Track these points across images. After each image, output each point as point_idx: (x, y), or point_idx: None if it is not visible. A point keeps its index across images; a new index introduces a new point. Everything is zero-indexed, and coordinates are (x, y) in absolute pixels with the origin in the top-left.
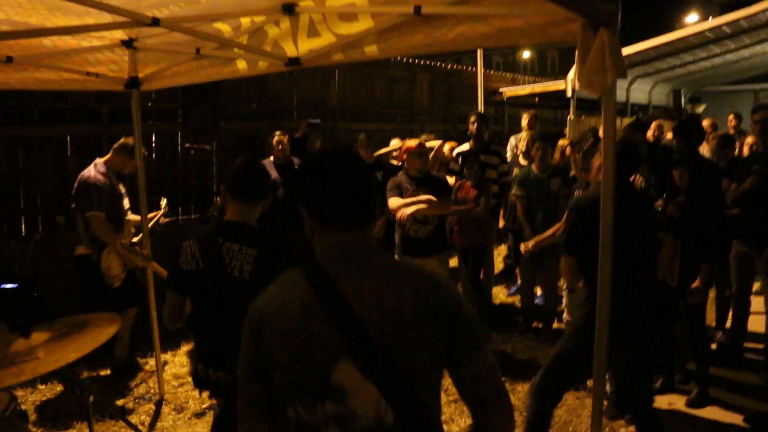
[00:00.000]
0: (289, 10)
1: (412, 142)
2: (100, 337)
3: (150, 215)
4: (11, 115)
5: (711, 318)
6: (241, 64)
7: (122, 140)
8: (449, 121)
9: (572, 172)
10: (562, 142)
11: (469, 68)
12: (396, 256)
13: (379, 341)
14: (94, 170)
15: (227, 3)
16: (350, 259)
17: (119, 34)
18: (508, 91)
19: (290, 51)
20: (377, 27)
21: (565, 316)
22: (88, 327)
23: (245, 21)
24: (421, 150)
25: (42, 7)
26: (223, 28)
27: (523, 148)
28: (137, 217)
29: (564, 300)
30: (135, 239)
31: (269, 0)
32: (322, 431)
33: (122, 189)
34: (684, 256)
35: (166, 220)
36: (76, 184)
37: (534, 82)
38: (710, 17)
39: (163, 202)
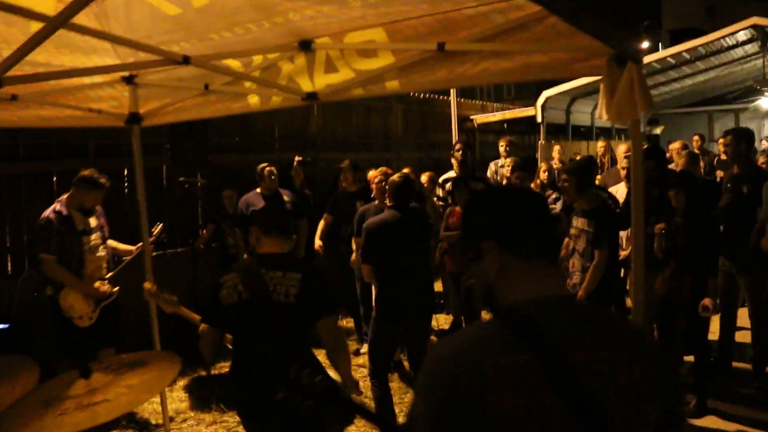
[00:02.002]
0: (306, 47)
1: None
2: (166, 376)
3: (138, 245)
4: None
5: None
6: (253, 99)
7: (80, 174)
8: (423, 149)
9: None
10: (542, 166)
11: (441, 97)
12: None
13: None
14: (50, 209)
15: (241, 40)
16: (558, 306)
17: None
18: (479, 117)
19: (305, 86)
20: (398, 63)
21: None
22: (147, 366)
23: (257, 58)
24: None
25: (51, 45)
26: (233, 64)
27: (507, 174)
28: (122, 245)
29: None
30: (108, 275)
31: (285, 37)
32: None
33: (92, 223)
34: (688, 273)
35: (154, 254)
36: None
37: (502, 108)
38: (659, 45)
39: (157, 228)
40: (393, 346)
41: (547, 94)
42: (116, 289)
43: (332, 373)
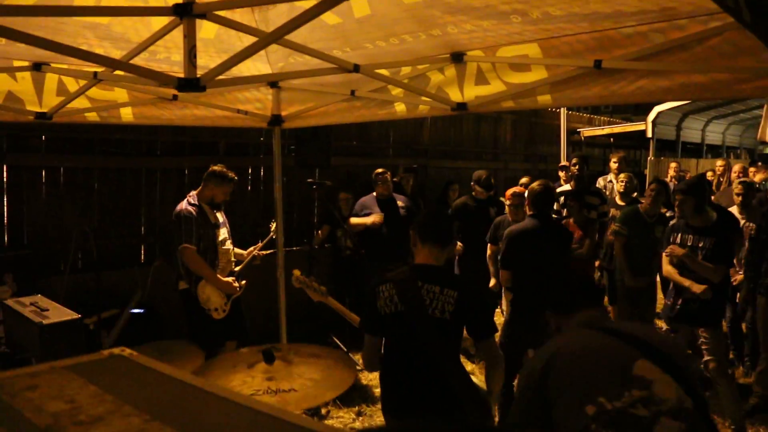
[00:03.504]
0: (458, 59)
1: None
2: (346, 378)
3: (250, 249)
4: (138, 148)
5: None
6: (400, 107)
7: (210, 168)
8: (530, 160)
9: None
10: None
11: (550, 108)
12: None
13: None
14: (185, 203)
15: (394, 50)
16: None
17: None
18: (586, 131)
19: (455, 96)
20: (551, 78)
21: None
22: (323, 362)
23: (406, 69)
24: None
25: (213, 50)
26: (382, 73)
27: (621, 189)
28: (236, 249)
29: None
30: (236, 269)
31: (438, 49)
32: (628, 411)
33: (219, 218)
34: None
35: (263, 253)
36: (173, 219)
37: (608, 122)
38: None
39: (273, 225)
40: (522, 351)
41: (658, 109)
42: (243, 283)
43: (476, 380)
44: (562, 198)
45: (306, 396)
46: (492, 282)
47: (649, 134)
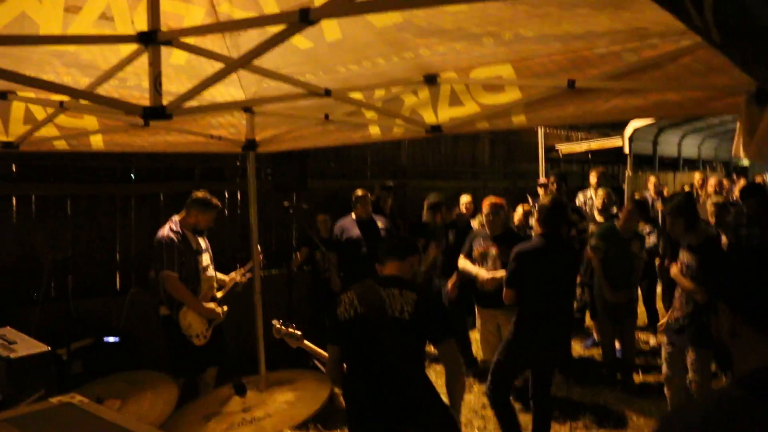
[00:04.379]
0: (431, 81)
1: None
2: (321, 393)
3: (231, 275)
4: (113, 174)
5: None
6: (374, 130)
7: (193, 195)
8: (509, 178)
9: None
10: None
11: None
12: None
13: None
14: (167, 228)
15: (366, 74)
16: None
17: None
18: (564, 147)
19: (429, 118)
20: (525, 98)
21: (664, 369)
22: (296, 384)
23: (379, 91)
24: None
25: (185, 76)
26: (355, 96)
27: (599, 205)
28: (218, 274)
29: (663, 353)
30: (219, 294)
31: (411, 72)
32: None
33: (202, 244)
34: None
35: (245, 279)
36: (154, 245)
37: (586, 138)
38: None
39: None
40: (519, 371)
41: (634, 125)
42: (225, 308)
43: (444, 398)
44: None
45: (282, 419)
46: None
47: (626, 150)
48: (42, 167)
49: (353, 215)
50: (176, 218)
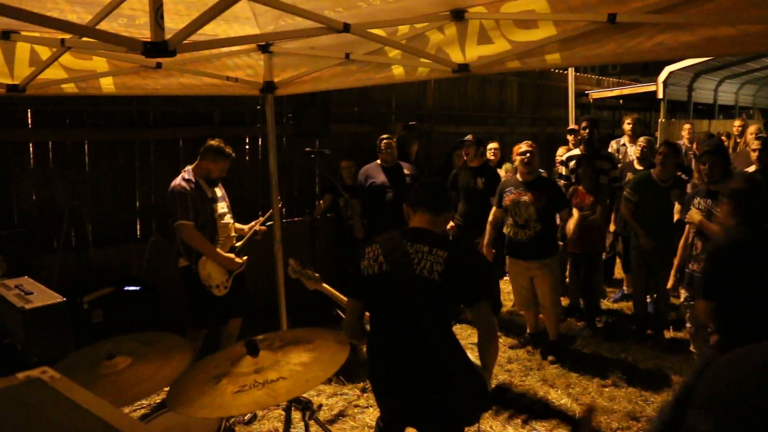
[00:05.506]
0: (458, 16)
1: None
2: (338, 355)
3: (251, 224)
4: (130, 119)
5: None
6: (398, 70)
7: (207, 143)
8: (538, 124)
9: (695, 179)
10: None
11: (557, 70)
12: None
13: None
14: (179, 179)
15: (390, 9)
16: None
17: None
18: (595, 93)
19: (456, 57)
20: (560, 35)
21: (688, 326)
22: (313, 344)
23: (403, 28)
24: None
25: (197, 13)
26: (377, 32)
27: (638, 154)
28: (236, 224)
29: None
30: (237, 244)
31: (437, 6)
32: None
33: (218, 192)
34: None
35: (264, 228)
36: (167, 196)
37: (617, 83)
38: None
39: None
40: None
41: (669, 69)
42: (245, 258)
43: (472, 357)
44: (571, 163)
45: (296, 383)
46: (485, 248)
47: (660, 95)
48: (58, 113)
49: (379, 161)
50: (189, 167)
